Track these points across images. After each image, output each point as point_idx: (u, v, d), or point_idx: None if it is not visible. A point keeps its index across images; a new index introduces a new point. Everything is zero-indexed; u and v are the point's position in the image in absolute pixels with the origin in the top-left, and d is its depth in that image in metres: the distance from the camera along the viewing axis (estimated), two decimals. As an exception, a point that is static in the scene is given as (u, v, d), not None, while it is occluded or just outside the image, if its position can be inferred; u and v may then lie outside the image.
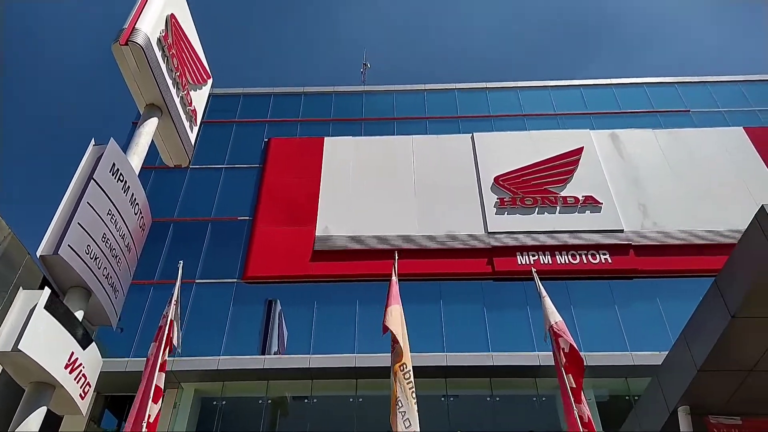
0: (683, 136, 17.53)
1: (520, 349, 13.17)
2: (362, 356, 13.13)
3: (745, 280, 6.67)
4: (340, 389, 13.47)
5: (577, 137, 17.49)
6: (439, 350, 13.19)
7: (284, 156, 17.60)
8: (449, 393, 13.30)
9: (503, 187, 16.32)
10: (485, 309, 14.14)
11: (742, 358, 7.45)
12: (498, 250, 14.96)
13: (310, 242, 15.24)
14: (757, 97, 18.90)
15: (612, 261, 14.69)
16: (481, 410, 13.32)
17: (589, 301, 14.26)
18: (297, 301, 14.53)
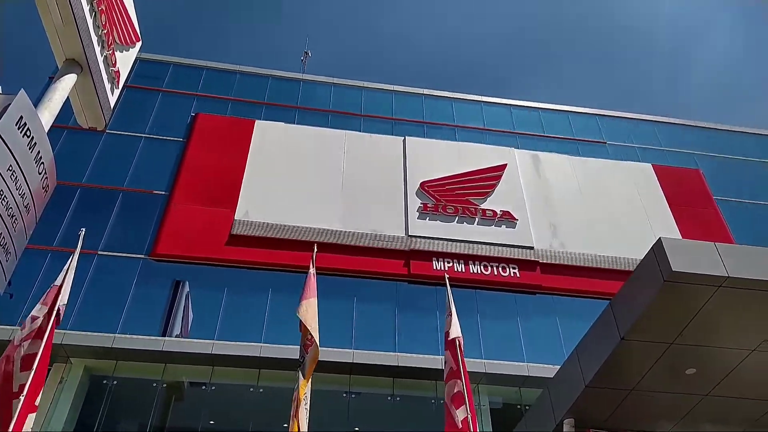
0: (597, 166, 18.64)
1: (426, 351, 13.47)
2: (268, 346, 12.94)
3: (636, 306, 7.18)
4: (242, 378, 13.19)
5: (502, 154, 18.15)
6: (347, 346, 13.23)
7: (210, 133, 17.00)
8: (352, 390, 13.38)
9: (428, 193, 16.64)
10: (397, 310, 14.35)
11: (625, 377, 8.02)
12: (416, 254, 15.23)
13: (228, 225, 14.82)
14: (667, 138, 20.44)
15: (520, 275, 15.36)
16: (382, 409, 13.52)
17: (495, 311, 14.84)
18: (207, 285, 14.09)
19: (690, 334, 7.21)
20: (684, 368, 7.79)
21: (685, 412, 8.68)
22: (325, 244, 14.58)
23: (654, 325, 7.16)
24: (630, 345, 7.43)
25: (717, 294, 6.66)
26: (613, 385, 8.16)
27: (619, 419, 8.78)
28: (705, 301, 6.77)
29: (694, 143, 20.35)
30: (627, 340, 7.35)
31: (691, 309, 6.90)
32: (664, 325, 7.16)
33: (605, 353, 7.73)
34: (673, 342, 7.33)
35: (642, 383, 8.06)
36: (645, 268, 7.14)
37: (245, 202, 15.33)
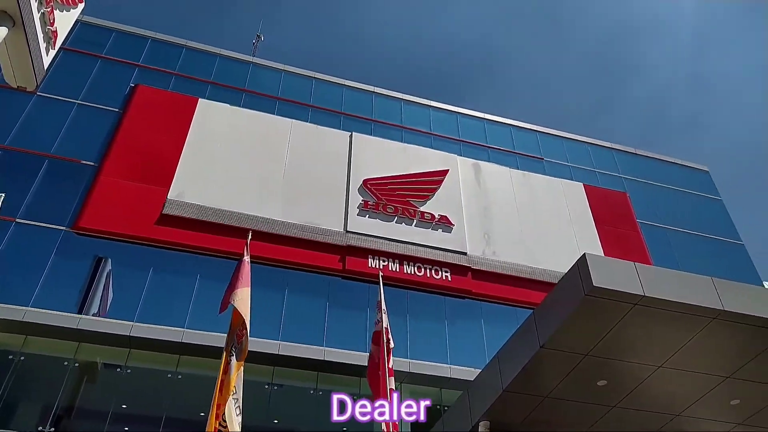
0: (533, 180, 19.30)
1: (354, 348, 13.51)
2: (191, 332, 12.59)
3: (557, 317, 7.51)
4: (161, 363, 12.76)
5: (445, 160, 18.47)
6: (274, 338, 13.07)
7: (149, 107, 16.32)
8: (275, 381, 13.23)
9: (370, 190, 16.69)
10: (328, 304, 14.31)
11: (541, 384, 8.37)
12: (352, 250, 15.25)
13: (160, 205, 14.29)
14: (599, 160, 21.42)
15: (452, 279, 15.69)
16: (304, 402, 13.43)
17: (424, 312, 15.08)
18: (131, 264, 13.52)
19: (604, 347, 7.61)
20: (596, 379, 8.22)
21: (593, 422, 9.15)
22: (261, 232, 14.34)
23: (572, 336, 7.51)
24: (548, 354, 7.75)
25: (632, 311, 7.07)
26: (528, 391, 8.49)
27: (532, 424, 9.15)
28: (621, 317, 7.17)
29: (623, 167, 21.43)
30: (546, 349, 7.67)
31: (607, 323, 7.28)
32: (581, 336, 7.52)
33: (524, 360, 8.04)
34: (588, 354, 7.72)
35: (556, 391, 8.43)
36: (568, 281, 7.48)
37: (180, 183, 14.83)
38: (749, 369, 7.96)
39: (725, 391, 8.39)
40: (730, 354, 7.79)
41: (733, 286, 7.39)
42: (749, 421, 9.20)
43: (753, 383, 8.18)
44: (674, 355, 7.73)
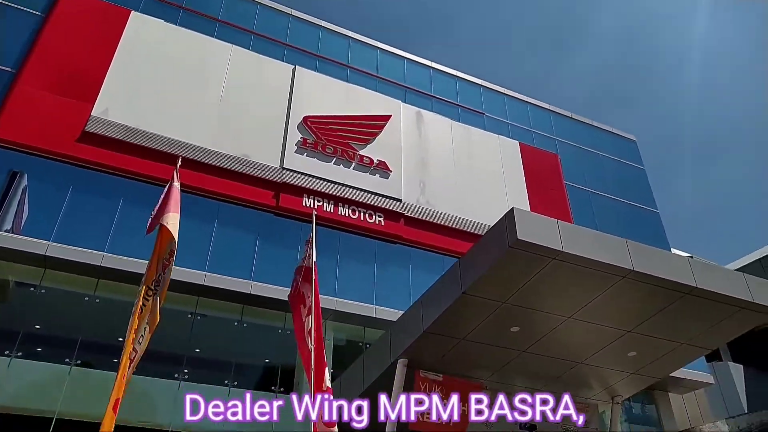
0: (472, 134, 19.55)
1: (282, 284, 13.53)
2: (111, 256, 12.17)
3: (481, 266, 7.81)
4: (78, 286, 12.33)
5: (389, 105, 18.30)
6: (200, 268, 12.87)
7: (76, 14, 14.98)
8: (199, 311, 13.13)
9: (310, 128, 16.36)
10: (258, 239, 14.18)
11: (459, 327, 8.77)
12: (287, 187, 15.04)
13: (83, 121, 13.41)
14: (537, 120, 21.93)
15: (384, 224, 15.89)
16: (227, 333, 13.47)
17: (355, 254, 15.26)
18: (49, 181, 12.73)
19: (520, 297, 8.03)
20: (510, 326, 8.70)
21: (503, 364, 9.75)
22: (191, 160, 13.84)
23: (492, 285, 7.86)
24: (468, 300, 8.10)
25: (550, 265, 7.45)
26: (446, 333, 8.89)
27: (446, 364, 9.64)
28: (539, 270, 7.55)
29: (558, 130, 22.07)
30: (467, 295, 8.00)
31: (525, 275, 7.66)
32: (500, 286, 7.89)
33: (446, 304, 8.37)
34: (505, 302, 8.13)
35: (472, 334, 8.87)
36: (494, 233, 7.75)
37: (105, 100, 13.92)
38: (648, 325, 8.68)
39: (625, 343, 9.13)
40: (633, 311, 8.43)
41: (643, 249, 7.91)
42: (642, 371, 10.11)
43: (649, 338, 8.94)
44: (583, 308, 8.27)
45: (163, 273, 7.08)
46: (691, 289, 7.85)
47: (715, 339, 9.43)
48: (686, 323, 8.65)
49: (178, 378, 12.17)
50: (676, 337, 9.00)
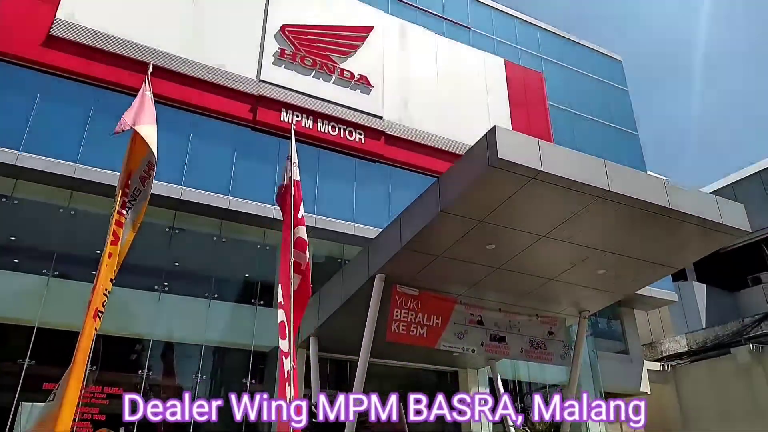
0: (458, 50, 18.96)
1: (260, 199, 13.50)
2: (85, 168, 11.88)
3: (460, 184, 7.81)
4: (51, 197, 12.12)
5: (372, 16, 17.51)
6: (176, 182, 12.69)
7: None
8: (176, 226, 13.09)
9: (288, 38, 15.67)
10: (236, 154, 13.92)
11: (436, 244, 8.90)
12: (264, 101, 14.60)
13: (47, 24, 12.61)
14: (523, 36, 21.28)
15: (365, 142, 15.68)
16: (206, 248, 13.52)
17: (334, 172, 15.15)
18: (13, 87, 12.13)
19: (497, 216, 8.12)
20: (486, 243, 8.86)
21: (478, 280, 10.03)
22: (164, 69, 13.26)
23: (470, 203, 7.91)
24: (446, 218, 8.17)
25: (529, 184, 7.48)
26: (423, 250, 9.04)
27: (422, 280, 9.89)
28: (517, 188, 7.58)
29: (544, 47, 21.50)
30: (445, 213, 8.06)
31: (504, 193, 7.70)
32: (479, 204, 7.94)
33: (424, 221, 8.44)
34: (483, 220, 8.21)
35: (448, 251, 9.04)
36: (475, 151, 7.69)
37: (71, 1, 13.05)
38: (618, 244, 8.91)
39: (595, 261, 9.40)
40: (605, 230, 8.62)
41: (620, 170, 7.96)
42: (610, 288, 10.51)
43: (620, 256, 9.21)
44: (558, 227, 8.42)
45: (142, 186, 6.92)
46: (664, 210, 8.00)
47: (683, 258, 9.76)
48: (656, 243, 8.90)
49: (158, 290, 12.33)
50: (646, 256, 9.28)
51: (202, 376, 12.37)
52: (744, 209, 8.82)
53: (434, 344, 10.06)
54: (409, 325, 9.80)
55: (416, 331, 9.86)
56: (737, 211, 8.72)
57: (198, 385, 12.35)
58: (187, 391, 12.50)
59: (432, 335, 10.03)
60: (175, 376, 12.78)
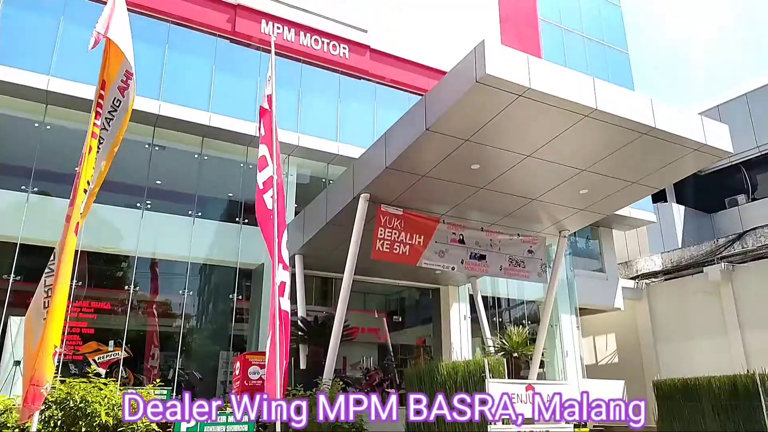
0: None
1: (241, 116, 13.17)
2: (59, 80, 11.40)
3: (446, 101, 7.64)
4: (24, 111, 11.69)
5: None
6: (154, 96, 12.27)
7: None
8: (156, 143, 12.81)
9: (267, -57, 14.69)
10: (215, 67, 13.41)
11: (420, 164, 8.85)
12: (243, 11, 13.89)
13: None
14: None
15: (349, 57, 15.17)
16: (187, 165, 13.32)
17: (317, 88, 14.73)
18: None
19: (483, 135, 8.02)
20: (470, 163, 8.82)
21: (460, 200, 10.08)
22: (137, -26, 12.46)
23: (457, 121, 7.78)
24: (432, 136, 8.06)
25: (516, 102, 7.34)
26: (408, 170, 8.99)
27: (407, 199, 9.91)
28: (504, 106, 7.44)
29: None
30: (430, 131, 7.94)
31: (491, 111, 7.56)
32: (465, 122, 7.81)
33: (409, 140, 8.33)
34: (468, 139, 8.13)
35: (433, 171, 9.00)
36: (463, 67, 7.46)
37: None
38: (603, 164, 8.93)
39: (577, 182, 9.45)
40: (590, 150, 8.60)
41: (608, 88, 7.82)
42: (591, 208, 10.65)
43: (602, 176, 9.26)
44: (543, 147, 8.37)
45: (122, 96, 6.65)
46: (650, 129, 7.97)
47: (665, 179, 9.85)
48: (640, 163, 8.94)
49: (140, 207, 12.25)
50: (628, 176, 9.35)
51: (189, 292, 12.60)
52: (728, 130, 8.83)
53: (416, 262, 10.25)
54: (393, 244, 9.93)
55: (399, 249, 10.01)
56: (722, 132, 8.72)
57: (185, 301, 12.60)
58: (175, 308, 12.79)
59: (414, 253, 10.20)
60: (162, 293, 13.00)
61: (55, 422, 5.45)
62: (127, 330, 11.41)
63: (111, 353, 11.07)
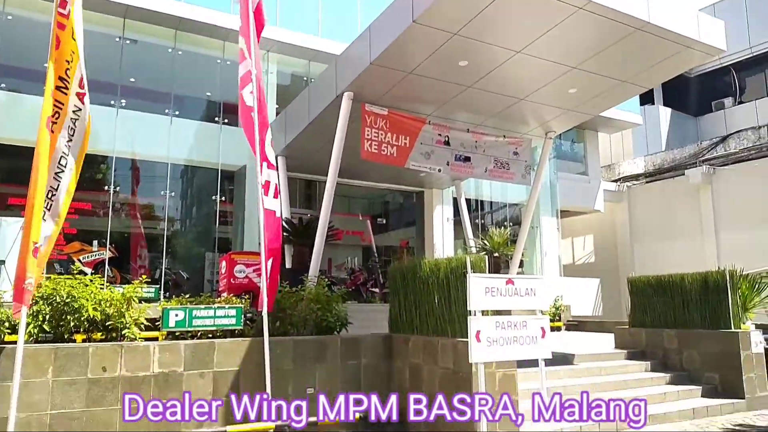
0: None
1: (216, 6, 12.41)
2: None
3: (434, -10, 7.18)
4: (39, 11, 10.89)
5: None
6: (120, -15, 11.44)
7: None
8: (127, 36, 12.10)
9: None
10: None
11: (406, 60, 8.50)
12: None
13: None
14: None
15: (330, -56, 14.12)
16: (161, 61, 12.71)
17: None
18: None
19: (473, 28, 7.65)
20: (458, 60, 8.49)
21: (446, 100, 9.83)
22: None
23: (445, 13, 7.37)
24: (419, 29, 7.67)
25: (507, -9, 6.93)
26: (394, 66, 8.64)
27: (392, 99, 9.63)
28: (495, -3, 7.04)
29: None
30: (417, 24, 7.54)
31: (481, 3, 7.16)
32: (454, 14, 7.41)
33: (395, 34, 7.93)
34: (457, 33, 7.75)
35: (419, 68, 8.68)
36: (453, -48, 6.96)
37: None
38: (593, 62, 8.66)
39: (567, 81, 9.22)
40: (582, 46, 8.29)
41: (605, -22, 7.39)
42: (579, 108, 10.49)
43: (592, 74, 9.03)
44: (533, 42, 8.05)
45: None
46: (644, 24, 7.66)
47: (655, 78, 9.64)
48: (630, 61, 8.68)
49: (114, 105, 11.80)
50: (618, 74, 9.12)
51: (171, 193, 12.49)
52: (724, 26, 8.54)
53: (403, 164, 10.16)
54: (380, 145, 9.77)
55: (387, 150, 9.86)
56: (716, 29, 8.43)
57: (168, 203, 12.52)
58: (158, 211, 12.72)
59: (401, 155, 10.08)
60: (144, 195, 12.87)
61: (43, 317, 5.53)
62: (110, 231, 11.39)
63: (96, 253, 11.13)
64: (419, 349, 6.76)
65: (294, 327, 7.00)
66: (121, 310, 5.92)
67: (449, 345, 6.23)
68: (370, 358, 7.12)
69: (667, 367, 9.15)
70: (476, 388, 5.65)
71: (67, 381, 5.40)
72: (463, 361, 5.82)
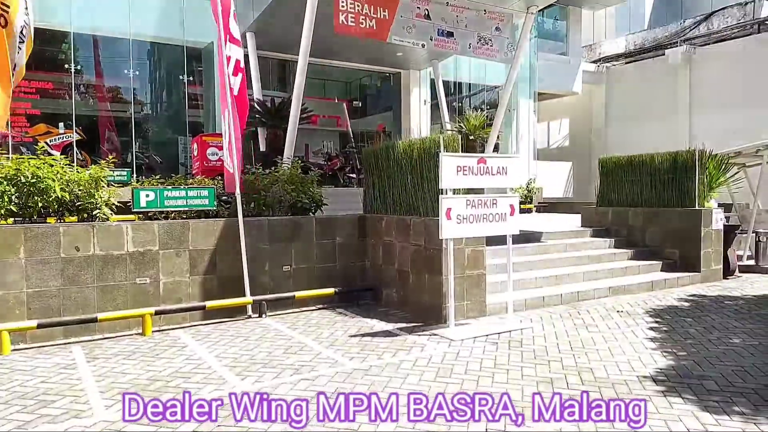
0: None
1: None
2: None
3: None
4: None
5: None
6: None
7: None
8: None
9: None
10: None
11: None
12: None
13: None
14: None
15: None
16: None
17: None
18: None
19: None
20: None
21: None
22: None
23: None
24: None
25: None
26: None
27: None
28: None
29: None
30: None
31: None
32: None
33: None
34: None
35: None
36: None
37: None
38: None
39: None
40: None
41: None
42: None
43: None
44: None
45: None
46: None
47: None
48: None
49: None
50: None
51: (136, 72, 11.90)
52: None
53: (385, 37, 9.68)
54: (357, 17, 9.24)
55: (366, 23, 9.35)
56: None
57: (134, 84, 11.98)
58: (124, 93, 12.17)
59: (381, 28, 9.57)
60: (108, 75, 12.26)
61: (9, 197, 5.43)
62: (75, 114, 10.96)
63: (62, 135, 10.78)
64: (392, 228, 6.91)
65: (269, 208, 7.04)
66: (90, 191, 5.84)
67: (421, 223, 6.36)
68: (345, 238, 7.29)
69: (631, 243, 9.54)
70: (446, 263, 5.87)
71: (40, 260, 5.45)
72: (433, 238, 5.99)
